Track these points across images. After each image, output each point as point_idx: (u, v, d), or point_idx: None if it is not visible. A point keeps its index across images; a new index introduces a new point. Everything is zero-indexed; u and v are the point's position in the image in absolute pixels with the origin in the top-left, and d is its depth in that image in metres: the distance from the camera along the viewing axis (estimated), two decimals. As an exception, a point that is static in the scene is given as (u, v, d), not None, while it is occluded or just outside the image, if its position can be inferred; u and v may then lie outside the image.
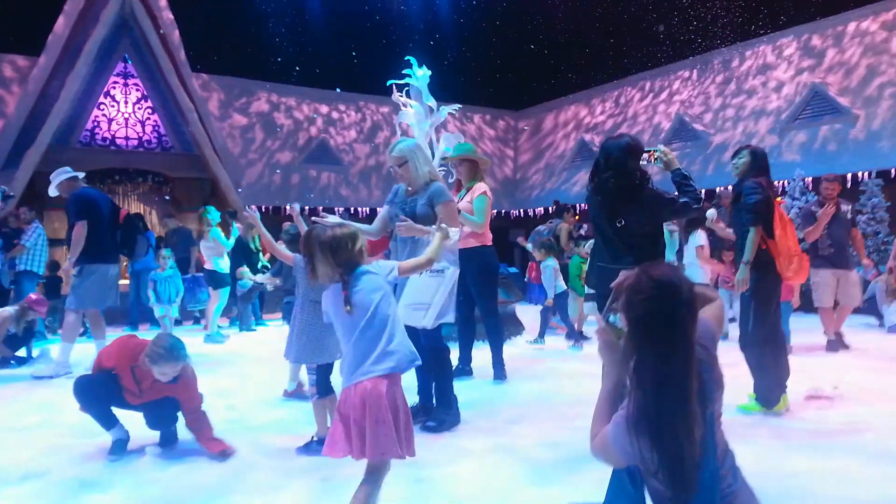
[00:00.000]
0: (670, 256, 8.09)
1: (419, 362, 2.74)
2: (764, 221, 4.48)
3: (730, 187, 13.38)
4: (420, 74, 7.62)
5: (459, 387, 4.59)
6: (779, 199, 9.87)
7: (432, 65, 7.81)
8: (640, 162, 3.90)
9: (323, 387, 3.83)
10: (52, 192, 6.79)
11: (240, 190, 15.10)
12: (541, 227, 10.12)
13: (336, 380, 3.07)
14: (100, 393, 3.65)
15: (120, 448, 3.69)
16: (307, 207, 15.92)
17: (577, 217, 10.37)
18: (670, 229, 7.28)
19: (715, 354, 1.94)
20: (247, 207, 4.14)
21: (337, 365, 3.35)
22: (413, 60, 7.61)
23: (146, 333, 8.76)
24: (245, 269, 9.73)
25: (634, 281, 1.90)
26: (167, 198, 15.18)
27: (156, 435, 3.88)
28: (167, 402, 3.71)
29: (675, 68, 18.35)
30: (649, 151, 3.98)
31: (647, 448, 1.77)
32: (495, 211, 17.96)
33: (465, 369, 5.97)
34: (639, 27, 23.08)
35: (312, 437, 3.81)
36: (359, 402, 2.49)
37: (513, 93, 24.68)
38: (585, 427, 3.87)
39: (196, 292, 9.92)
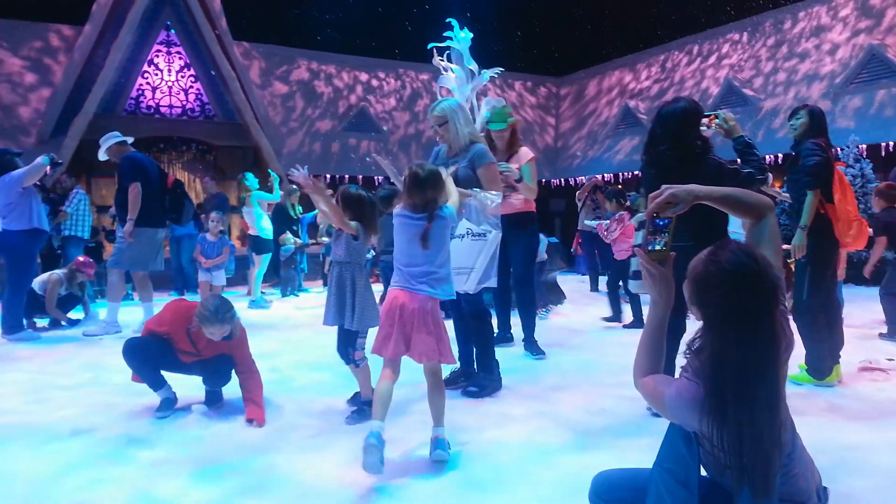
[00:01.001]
0: (733, 227, 7.87)
1: (454, 297, 3.30)
2: (823, 185, 4.28)
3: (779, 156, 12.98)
4: (462, 37, 7.47)
5: (500, 353, 4.54)
6: (840, 161, 9.50)
7: (472, 30, 7.65)
8: (699, 128, 3.68)
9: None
10: (102, 155, 6.87)
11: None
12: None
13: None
14: (149, 355, 3.71)
15: (167, 406, 3.76)
16: (346, 176, 15.98)
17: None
18: None
19: (787, 314, 1.80)
20: (296, 169, 3.64)
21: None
22: (454, 23, 7.46)
23: (189, 297, 8.90)
24: (288, 236, 9.82)
25: (702, 271, 1.71)
26: (211, 166, 15.36)
27: (201, 394, 3.93)
28: (223, 360, 3.78)
29: (725, 31, 17.72)
30: (709, 116, 3.74)
31: (716, 431, 1.67)
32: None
33: (507, 336, 5.92)
34: (686, -11, 22.33)
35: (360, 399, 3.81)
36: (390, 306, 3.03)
37: (554, 58, 24.11)
38: (630, 396, 3.78)
39: (231, 258, 10.07)
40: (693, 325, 1.89)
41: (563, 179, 19.04)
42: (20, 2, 16.28)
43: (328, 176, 16.27)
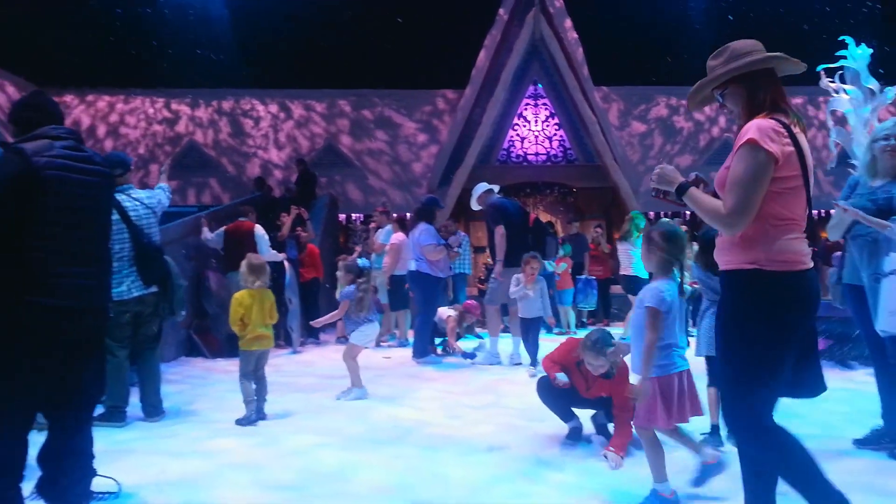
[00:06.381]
0: None
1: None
2: None
3: None
4: (859, 54, 6.71)
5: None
6: None
7: (859, 43, 6.82)
8: None
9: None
10: (474, 205, 7.71)
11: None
12: None
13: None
14: (557, 394, 4.02)
15: (576, 436, 4.01)
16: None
17: None
18: None
19: None
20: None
21: None
22: (850, 40, 6.73)
23: (550, 335, 9.29)
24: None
25: None
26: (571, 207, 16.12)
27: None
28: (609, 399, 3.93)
29: None
30: None
31: None
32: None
33: None
34: None
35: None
36: None
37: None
38: None
39: (586, 293, 10.28)
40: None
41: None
42: (414, 74, 19.22)
43: (687, 213, 15.81)
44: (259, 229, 8.34)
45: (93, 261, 2.80)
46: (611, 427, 3.99)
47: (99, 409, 4.61)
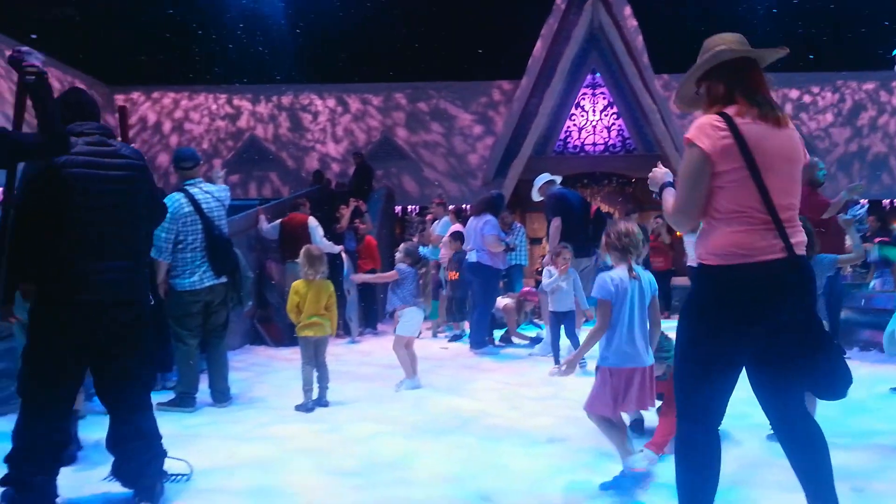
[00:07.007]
0: None
1: None
2: None
3: None
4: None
5: None
6: None
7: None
8: None
9: None
10: (535, 196, 7.67)
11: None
12: None
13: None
14: None
15: (638, 427, 3.98)
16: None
17: None
18: None
19: None
20: None
21: None
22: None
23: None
24: None
25: None
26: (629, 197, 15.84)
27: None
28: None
29: None
30: None
31: None
32: None
33: None
34: None
35: None
36: None
37: None
38: None
39: None
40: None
41: None
42: (470, 66, 19.17)
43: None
44: (312, 221, 8.47)
45: (124, 254, 2.79)
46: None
47: (170, 395, 4.81)
